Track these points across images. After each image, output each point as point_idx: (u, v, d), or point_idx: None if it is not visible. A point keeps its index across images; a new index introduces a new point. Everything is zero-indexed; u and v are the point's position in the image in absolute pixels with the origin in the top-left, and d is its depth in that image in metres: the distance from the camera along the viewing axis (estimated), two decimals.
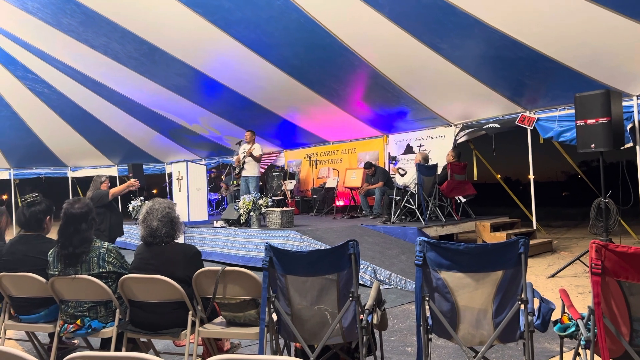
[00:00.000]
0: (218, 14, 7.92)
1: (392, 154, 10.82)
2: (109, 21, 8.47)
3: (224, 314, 3.02)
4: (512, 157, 50.35)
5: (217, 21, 8.08)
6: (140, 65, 9.94)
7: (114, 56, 9.75)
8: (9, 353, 1.49)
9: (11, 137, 13.56)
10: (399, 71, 8.54)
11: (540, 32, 6.58)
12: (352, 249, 2.54)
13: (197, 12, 7.87)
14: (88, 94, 11.84)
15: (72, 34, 9.16)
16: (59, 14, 8.58)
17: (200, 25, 8.11)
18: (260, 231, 7.68)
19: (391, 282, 5.84)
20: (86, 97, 11.98)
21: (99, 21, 8.52)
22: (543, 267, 6.61)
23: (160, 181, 16.65)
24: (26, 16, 8.79)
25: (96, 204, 6.03)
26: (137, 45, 9.11)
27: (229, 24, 8.14)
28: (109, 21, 8.47)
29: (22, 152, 14.42)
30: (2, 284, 3.27)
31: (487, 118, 9.00)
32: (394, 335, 4.00)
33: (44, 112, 12.66)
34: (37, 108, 12.48)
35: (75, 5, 8.20)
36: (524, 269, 2.32)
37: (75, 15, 8.50)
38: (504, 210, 10.86)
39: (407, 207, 8.03)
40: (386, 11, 7.06)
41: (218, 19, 8.04)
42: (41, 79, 11.45)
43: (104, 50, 9.59)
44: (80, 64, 10.53)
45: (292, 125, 11.83)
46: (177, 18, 8.06)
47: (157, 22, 8.46)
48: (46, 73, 11.17)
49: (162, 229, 3.06)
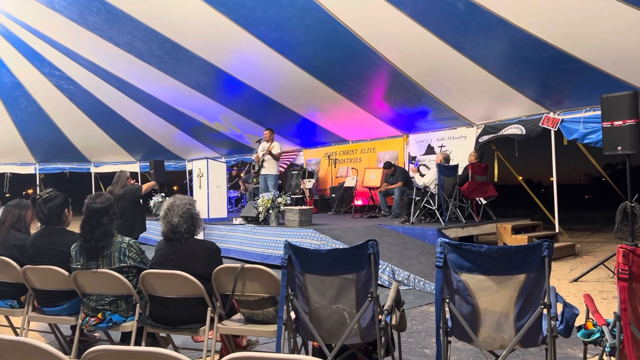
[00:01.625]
0: (240, 12, 7.96)
1: (412, 154, 10.75)
2: (133, 19, 8.58)
3: (242, 310, 3.03)
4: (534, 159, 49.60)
5: (239, 19, 8.12)
6: (163, 63, 10.04)
7: (138, 54, 9.87)
8: (31, 345, 1.52)
9: (37, 132, 13.84)
10: (421, 70, 8.47)
11: (566, 31, 6.46)
12: (371, 248, 2.52)
13: (220, 10, 7.92)
14: (112, 91, 12.01)
15: (97, 31, 9.30)
16: (85, 12, 8.72)
17: (222, 23, 8.16)
18: (278, 229, 7.70)
19: (410, 283, 5.80)
20: (110, 94, 12.15)
21: (124, 19, 8.64)
22: (565, 271, 6.49)
23: (181, 178, 16.82)
24: (53, 14, 8.95)
25: (130, 198, 6.09)
26: (160, 43, 9.21)
27: (251, 22, 8.17)
28: (133, 19, 8.58)
29: (47, 147, 14.71)
30: (27, 277, 3.33)
31: (510, 119, 8.87)
32: (412, 337, 3.96)
33: (69, 109, 12.89)
34: (62, 104, 12.71)
35: (101, 4, 8.32)
36: (547, 273, 2.27)
37: (100, 13, 8.63)
38: (526, 213, 10.69)
39: (427, 207, 7.97)
40: (408, 10, 7.00)
41: (240, 17, 8.08)
42: (67, 76, 11.66)
43: (127, 48, 9.71)
44: (104, 61, 10.68)
45: (311, 124, 11.84)
46: (200, 16, 8.12)
47: (180, 20, 8.53)
48: (71, 70, 11.36)
49: (183, 225, 3.08)
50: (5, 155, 14.26)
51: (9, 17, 9.76)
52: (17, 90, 12.17)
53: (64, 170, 15.82)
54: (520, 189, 10.85)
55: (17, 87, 12.09)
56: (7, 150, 13.76)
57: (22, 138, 13.97)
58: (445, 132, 10.20)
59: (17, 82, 11.93)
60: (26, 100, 12.55)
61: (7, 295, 3.58)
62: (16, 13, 9.62)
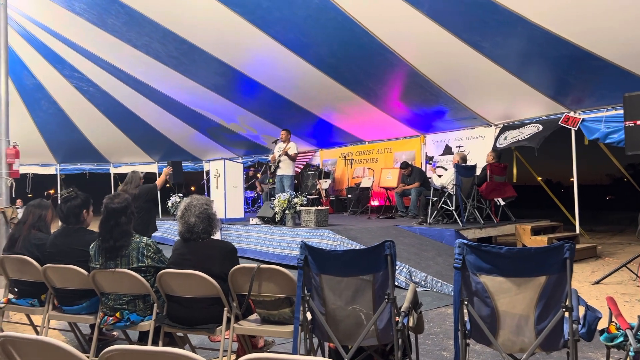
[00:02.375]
0: (256, 13, 7.98)
1: (430, 154, 10.67)
2: (151, 21, 8.67)
3: (259, 311, 3.03)
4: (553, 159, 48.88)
5: (255, 20, 8.14)
6: (181, 64, 10.13)
7: (156, 55, 9.96)
8: (50, 343, 1.53)
9: (58, 133, 14.07)
10: (438, 70, 8.40)
11: (588, 29, 6.34)
12: (388, 249, 2.49)
13: (236, 11, 7.95)
14: (130, 93, 12.15)
15: (116, 34, 9.42)
16: (104, 14, 8.84)
17: (238, 24, 8.19)
18: (295, 229, 7.70)
19: (427, 285, 5.75)
20: (128, 95, 12.30)
21: (142, 21, 8.73)
22: (587, 273, 6.37)
23: (198, 178, 16.95)
24: (73, 17, 9.08)
25: (146, 197, 6.15)
26: (177, 44, 9.28)
27: (267, 23, 8.19)
28: (150, 21, 8.66)
29: (68, 148, 14.95)
30: (47, 275, 3.38)
31: (529, 118, 8.75)
32: (430, 339, 3.92)
33: (89, 110, 13.08)
34: (82, 106, 12.89)
35: (120, 6, 8.42)
36: (569, 275, 2.22)
37: (119, 15, 8.73)
38: (545, 213, 10.53)
39: (444, 208, 7.89)
40: (425, 8, 6.95)
41: (256, 18, 8.10)
42: (86, 78, 11.83)
43: (145, 49, 9.81)
44: (123, 63, 10.81)
45: (327, 124, 11.82)
46: (217, 17, 8.17)
47: (197, 22, 8.59)
48: (91, 72, 11.52)
49: (200, 225, 3.09)
50: (28, 156, 14.50)
51: (31, 20, 9.93)
52: (39, 92, 12.39)
53: (83, 171, 16.05)
54: (540, 190, 10.69)
55: (38, 89, 12.30)
56: (29, 151, 13.97)
57: (43, 139, 14.22)
58: (463, 132, 10.10)
59: (38, 84, 12.14)
60: (47, 101, 12.77)
61: (28, 294, 3.63)
62: (38, 16, 9.79)
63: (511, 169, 9.33)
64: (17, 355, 1.63)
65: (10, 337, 1.63)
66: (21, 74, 11.61)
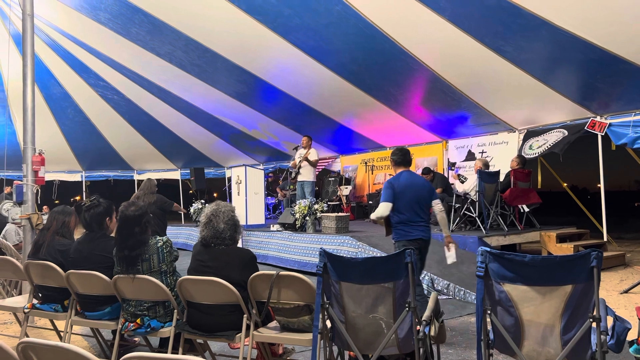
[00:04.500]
0: (278, 21, 8.02)
1: (452, 159, 10.55)
2: (174, 30, 8.78)
3: (278, 318, 3.01)
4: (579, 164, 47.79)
5: (276, 28, 8.18)
6: (203, 72, 10.24)
7: (179, 64, 10.09)
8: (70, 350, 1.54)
9: (84, 141, 14.35)
10: (460, 75, 8.31)
11: (615, 32, 6.19)
12: (409, 257, 2.46)
13: (258, 19, 8.01)
14: (154, 101, 12.33)
15: (139, 42, 9.57)
16: (128, 24, 8.99)
17: (260, 32, 8.25)
18: (315, 236, 7.67)
19: (449, 292, 5.66)
20: (152, 103, 12.48)
21: (165, 30, 8.86)
22: (615, 282, 6.20)
23: (220, 185, 17.08)
24: (99, 26, 9.27)
25: (159, 205, 6.25)
26: (200, 52, 9.39)
27: (288, 30, 8.22)
28: (173, 29, 8.78)
29: (93, 155, 15.22)
30: (70, 281, 3.42)
31: (554, 123, 8.58)
32: (452, 348, 3.85)
33: (113, 118, 13.30)
34: (107, 114, 13.12)
35: (144, 16, 8.56)
36: (596, 284, 2.15)
37: (143, 24, 8.88)
38: (571, 220, 10.29)
39: (467, 215, 7.78)
40: (447, 14, 6.89)
41: (278, 26, 8.15)
42: (111, 86, 12.04)
43: (169, 58, 9.95)
44: (147, 71, 10.98)
45: (348, 130, 11.80)
46: (238, 25, 8.24)
47: (219, 30, 8.68)
48: (116, 80, 11.73)
49: (227, 232, 3.11)
50: (54, 164, 14.81)
51: (57, 29, 10.17)
52: (65, 100, 12.66)
53: (108, 178, 16.32)
54: (565, 196, 10.47)
55: (65, 98, 12.57)
56: (56, 158, 14.27)
57: (69, 146, 14.50)
58: (486, 137, 9.96)
59: (65, 93, 12.41)
60: (74, 110, 13.03)
61: (51, 300, 3.69)
62: (64, 26, 10.02)
63: (536, 175, 9.15)
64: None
65: (31, 343, 1.65)
66: (48, 82, 11.88)
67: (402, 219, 4.29)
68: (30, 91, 5.41)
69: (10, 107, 12.27)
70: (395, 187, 4.29)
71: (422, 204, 4.33)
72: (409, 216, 4.28)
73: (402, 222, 4.30)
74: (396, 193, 4.27)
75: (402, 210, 4.27)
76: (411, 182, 4.34)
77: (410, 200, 4.27)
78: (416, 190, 4.31)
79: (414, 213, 4.28)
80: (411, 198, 4.27)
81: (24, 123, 5.38)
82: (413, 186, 4.32)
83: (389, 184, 4.35)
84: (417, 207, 4.30)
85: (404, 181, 4.34)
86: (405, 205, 4.26)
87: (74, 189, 16.91)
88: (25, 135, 5.36)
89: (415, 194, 4.29)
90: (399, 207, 4.27)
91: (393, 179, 4.41)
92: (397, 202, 4.27)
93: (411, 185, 4.32)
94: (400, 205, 4.26)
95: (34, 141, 5.38)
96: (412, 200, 4.28)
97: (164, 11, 8.42)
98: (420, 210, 4.32)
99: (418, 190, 4.32)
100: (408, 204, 4.27)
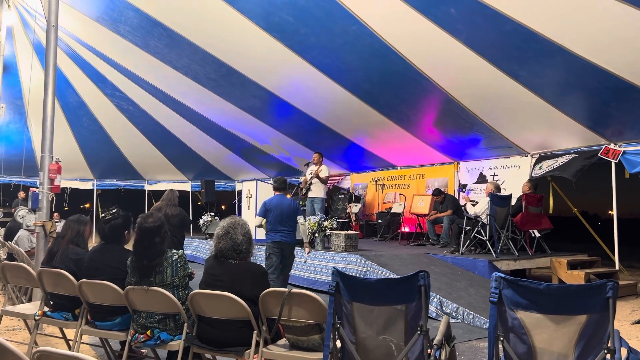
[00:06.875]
0: (294, 39, 8.13)
1: (463, 181, 10.51)
2: (192, 43, 8.92)
3: (288, 336, 3.01)
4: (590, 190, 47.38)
5: (293, 46, 8.28)
6: (218, 86, 10.36)
7: (194, 77, 10.23)
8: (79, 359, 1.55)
9: (97, 150, 14.52)
10: (473, 97, 8.34)
11: (631, 60, 6.20)
12: (422, 280, 2.45)
13: (275, 36, 8.12)
14: (168, 112, 12.48)
15: (157, 55, 9.73)
16: (147, 36, 9.15)
17: (276, 49, 8.35)
18: (325, 254, 7.66)
19: (458, 316, 5.61)
20: (166, 115, 12.63)
21: (182, 44, 8.99)
22: (627, 311, 6.11)
23: (229, 198, 17.13)
24: (118, 38, 9.44)
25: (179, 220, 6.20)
26: (216, 67, 9.51)
27: (305, 48, 8.32)
28: (191, 43, 8.92)
29: (105, 164, 15.38)
30: (82, 290, 3.44)
31: (567, 149, 8.55)
32: None
33: (127, 128, 13.46)
34: (122, 124, 13.29)
35: (162, 29, 8.71)
36: (611, 315, 2.14)
37: (161, 38, 9.03)
38: (582, 247, 10.19)
39: (477, 237, 7.73)
40: (463, 37, 6.94)
41: (294, 44, 8.25)
42: (127, 97, 12.21)
43: (185, 71, 10.09)
44: (162, 83, 11.13)
45: (360, 148, 11.83)
46: (255, 42, 8.35)
47: (236, 46, 8.80)
48: (132, 91, 11.90)
49: (244, 244, 3.13)
50: (67, 171, 14.91)
51: (77, 40, 10.37)
52: (81, 109, 12.85)
53: (119, 187, 16.45)
54: (576, 221, 10.34)
55: (81, 107, 12.76)
56: (69, 166, 14.41)
57: (82, 155, 14.67)
58: (498, 160, 9.94)
59: (81, 102, 12.60)
60: (89, 119, 13.22)
61: (63, 308, 3.70)
62: (83, 37, 10.22)
63: (547, 200, 9.10)
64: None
65: (47, 352, 1.66)
66: (65, 91, 12.08)
67: (270, 228, 6.02)
68: (50, 101, 5.49)
69: (27, 114, 12.47)
70: (267, 206, 6.07)
71: (285, 218, 5.98)
72: (274, 226, 5.97)
73: (271, 230, 6.02)
74: (267, 210, 6.04)
75: (270, 221, 6.01)
76: (279, 203, 6.04)
77: (276, 215, 5.96)
78: (282, 209, 6.00)
79: (278, 224, 5.96)
80: (277, 214, 5.96)
81: (42, 132, 5.45)
82: (280, 205, 6.02)
83: (263, 203, 6.18)
84: (281, 219, 5.96)
85: (274, 202, 6.07)
86: (274, 218, 5.97)
87: (85, 196, 17.05)
88: (44, 143, 5.42)
89: (281, 211, 5.98)
90: (269, 219, 6.01)
91: (267, 200, 6.19)
92: (268, 216, 6.01)
93: (279, 205, 6.03)
94: (270, 218, 6.00)
95: (51, 149, 5.44)
96: (277, 215, 5.96)
97: (183, 25, 8.57)
98: (284, 222, 5.98)
99: (284, 209, 6.01)
100: (275, 218, 5.96)
